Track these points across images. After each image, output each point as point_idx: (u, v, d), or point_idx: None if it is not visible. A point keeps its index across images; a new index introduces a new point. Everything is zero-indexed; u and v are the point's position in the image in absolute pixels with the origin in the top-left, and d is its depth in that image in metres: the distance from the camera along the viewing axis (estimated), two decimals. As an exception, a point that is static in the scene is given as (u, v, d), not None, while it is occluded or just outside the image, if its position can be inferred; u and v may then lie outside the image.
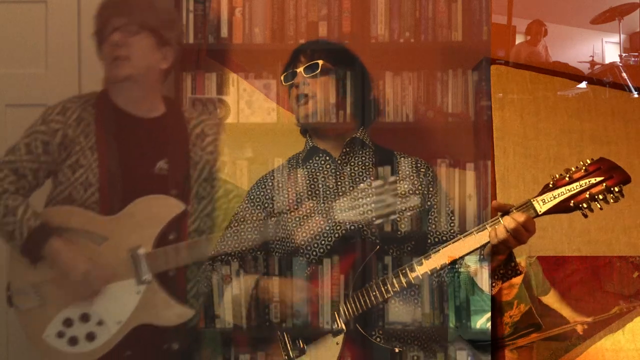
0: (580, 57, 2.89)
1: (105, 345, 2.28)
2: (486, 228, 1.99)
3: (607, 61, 2.88)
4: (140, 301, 2.28)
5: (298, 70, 2.24)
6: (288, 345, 2.13)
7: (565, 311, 2.56)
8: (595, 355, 2.52)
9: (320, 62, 2.24)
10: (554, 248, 2.58)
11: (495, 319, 2.52)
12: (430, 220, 2.20)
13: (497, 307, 2.53)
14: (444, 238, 2.17)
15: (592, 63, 2.89)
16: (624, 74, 2.76)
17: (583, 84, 2.72)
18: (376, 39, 2.75)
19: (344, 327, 2.10)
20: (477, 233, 2.00)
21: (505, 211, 1.98)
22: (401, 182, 2.20)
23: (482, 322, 2.31)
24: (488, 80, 2.63)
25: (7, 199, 2.31)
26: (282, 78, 2.30)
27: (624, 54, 2.88)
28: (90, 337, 2.29)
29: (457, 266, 2.14)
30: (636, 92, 2.71)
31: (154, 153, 2.37)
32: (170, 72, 2.45)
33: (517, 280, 2.53)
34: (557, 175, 2.00)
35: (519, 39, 2.92)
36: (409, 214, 2.15)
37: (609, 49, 2.94)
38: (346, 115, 2.27)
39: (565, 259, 2.59)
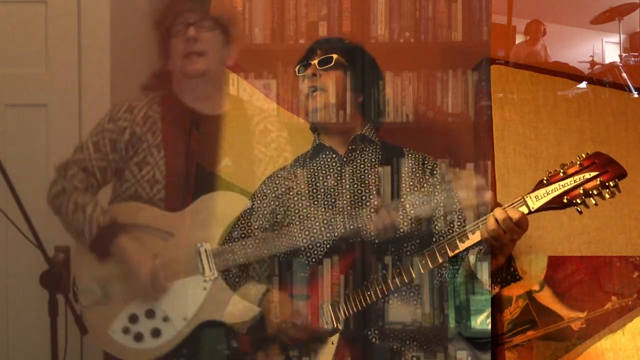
0: (580, 57, 2.89)
1: (170, 342, 2.28)
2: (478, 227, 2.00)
3: (607, 61, 2.87)
4: (206, 297, 2.27)
5: (312, 62, 2.24)
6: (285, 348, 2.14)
7: (559, 307, 2.56)
8: (595, 355, 2.52)
9: (335, 56, 2.23)
10: (554, 248, 2.58)
11: (495, 316, 2.51)
12: (436, 219, 2.20)
13: (497, 305, 2.53)
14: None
15: (592, 63, 2.88)
16: (624, 74, 2.75)
17: (583, 84, 2.72)
18: (376, 39, 2.76)
19: (339, 326, 2.10)
20: (472, 231, 2.00)
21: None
22: (407, 178, 2.19)
23: (482, 319, 2.30)
24: (488, 80, 2.63)
25: (77, 196, 2.35)
26: (296, 69, 2.29)
27: (624, 54, 2.87)
28: (156, 333, 2.29)
29: (456, 265, 2.14)
30: (636, 92, 2.70)
31: (219, 150, 2.38)
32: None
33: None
34: (552, 171, 1.97)
35: (519, 39, 2.92)
36: (482, 208, 2.11)
37: (609, 49, 2.93)
38: (347, 114, 2.27)
39: (565, 259, 2.59)
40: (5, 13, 2.82)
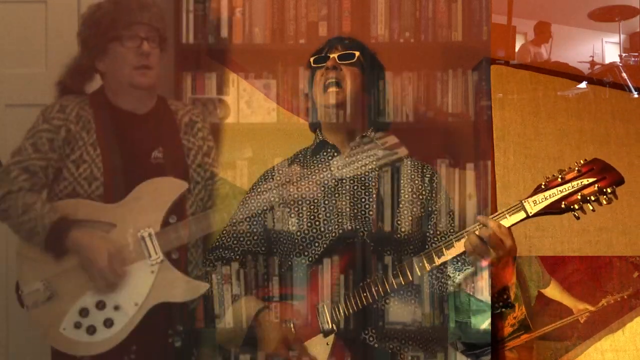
0: (580, 57, 2.90)
1: (124, 330, 2.30)
2: (464, 236, 2.00)
3: (607, 61, 2.88)
4: (155, 280, 2.31)
5: (332, 55, 2.25)
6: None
7: (568, 301, 2.56)
8: (595, 355, 2.52)
9: (357, 53, 2.25)
10: (554, 248, 2.58)
11: (496, 323, 2.51)
12: (430, 225, 2.20)
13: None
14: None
15: (592, 63, 2.89)
16: (624, 74, 2.76)
17: (583, 84, 2.72)
18: (376, 39, 2.75)
19: (334, 327, 2.10)
20: (456, 241, 2.01)
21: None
22: (405, 183, 2.20)
23: (483, 326, 2.30)
24: (488, 80, 2.63)
25: (24, 196, 2.35)
26: (311, 59, 2.30)
27: (624, 54, 2.88)
28: (109, 323, 2.31)
29: (441, 274, 2.14)
30: (636, 92, 2.71)
31: (148, 145, 2.42)
32: None
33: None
34: (550, 176, 1.99)
35: (519, 39, 2.92)
36: (397, 164, 2.19)
37: (609, 49, 2.94)
38: (356, 113, 2.26)
39: (565, 259, 2.59)
40: (5, 13, 2.82)
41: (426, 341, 2.16)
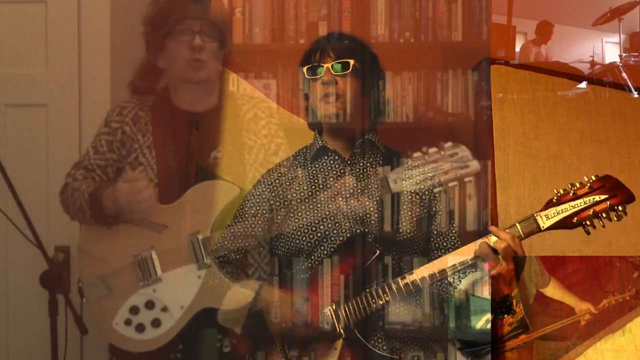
0: (580, 57, 2.89)
1: (170, 331, 2.35)
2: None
3: (607, 61, 2.88)
4: (202, 285, 2.33)
5: (326, 65, 2.16)
6: (285, 349, 2.13)
7: (570, 300, 2.56)
8: (595, 355, 2.52)
9: (352, 62, 2.16)
10: (554, 248, 2.58)
11: (495, 321, 2.51)
12: (433, 226, 2.20)
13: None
14: (445, 244, 2.17)
15: (592, 63, 2.89)
16: (624, 74, 2.75)
17: (583, 84, 2.72)
18: (376, 39, 2.75)
19: (342, 332, 2.09)
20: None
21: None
22: (443, 174, 2.18)
23: (481, 324, 2.30)
24: (488, 80, 2.63)
25: (76, 184, 2.44)
26: (304, 70, 2.19)
27: (624, 54, 2.88)
28: (156, 323, 2.36)
29: (445, 282, 2.14)
30: (636, 92, 2.70)
31: (207, 144, 2.43)
32: None
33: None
34: (561, 191, 2.00)
35: (519, 39, 2.92)
36: (468, 179, 2.12)
37: (609, 49, 2.94)
38: (356, 119, 2.25)
39: (565, 259, 2.59)
40: (5, 13, 2.82)
41: (426, 341, 2.16)
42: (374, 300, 2.06)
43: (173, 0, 2.45)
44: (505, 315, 2.16)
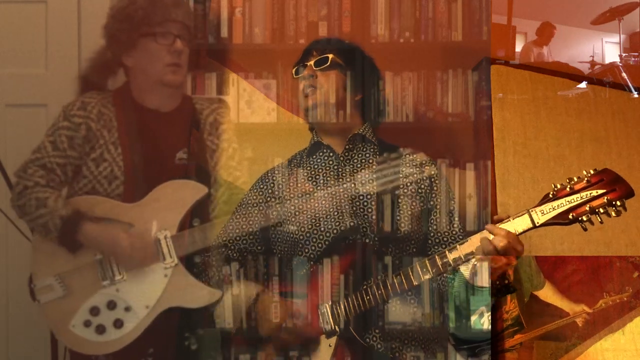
0: (580, 57, 2.89)
1: (133, 332, 2.29)
2: (467, 240, 2.00)
3: (607, 61, 2.88)
4: (167, 284, 2.30)
5: (308, 63, 2.26)
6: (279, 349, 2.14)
7: (562, 303, 2.55)
8: (595, 355, 2.52)
9: (330, 56, 2.25)
10: (554, 248, 2.58)
11: (493, 315, 2.51)
12: (432, 221, 2.20)
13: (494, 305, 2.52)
14: (445, 239, 2.17)
15: (592, 63, 2.89)
16: (624, 74, 2.76)
17: (583, 84, 2.72)
18: (376, 39, 2.75)
19: (337, 329, 2.09)
20: (459, 246, 2.01)
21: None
22: (404, 178, 2.20)
23: (481, 320, 2.30)
24: (488, 80, 2.63)
25: (38, 192, 2.35)
26: (293, 71, 2.32)
27: (624, 54, 2.88)
28: (118, 324, 2.30)
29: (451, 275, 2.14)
30: (636, 92, 2.70)
31: (173, 145, 2.41)
32: None
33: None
34: (559, 185, 1.94)
35: (519, 39, 2.92)
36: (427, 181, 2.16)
37: (609, 49, 2.94)
38: (346, 114, 2.27)
39: (565, 259, 2.59)
40: (5, 13, 2.82)
41: (426, 341, 2.16)
42: (368, 298, 2.06)
43: (153, 0, 2.42)
44: (507, 297, 2.13)
